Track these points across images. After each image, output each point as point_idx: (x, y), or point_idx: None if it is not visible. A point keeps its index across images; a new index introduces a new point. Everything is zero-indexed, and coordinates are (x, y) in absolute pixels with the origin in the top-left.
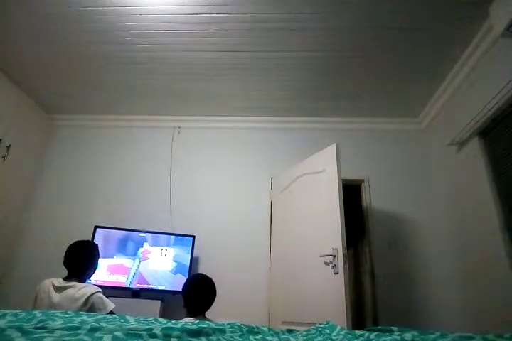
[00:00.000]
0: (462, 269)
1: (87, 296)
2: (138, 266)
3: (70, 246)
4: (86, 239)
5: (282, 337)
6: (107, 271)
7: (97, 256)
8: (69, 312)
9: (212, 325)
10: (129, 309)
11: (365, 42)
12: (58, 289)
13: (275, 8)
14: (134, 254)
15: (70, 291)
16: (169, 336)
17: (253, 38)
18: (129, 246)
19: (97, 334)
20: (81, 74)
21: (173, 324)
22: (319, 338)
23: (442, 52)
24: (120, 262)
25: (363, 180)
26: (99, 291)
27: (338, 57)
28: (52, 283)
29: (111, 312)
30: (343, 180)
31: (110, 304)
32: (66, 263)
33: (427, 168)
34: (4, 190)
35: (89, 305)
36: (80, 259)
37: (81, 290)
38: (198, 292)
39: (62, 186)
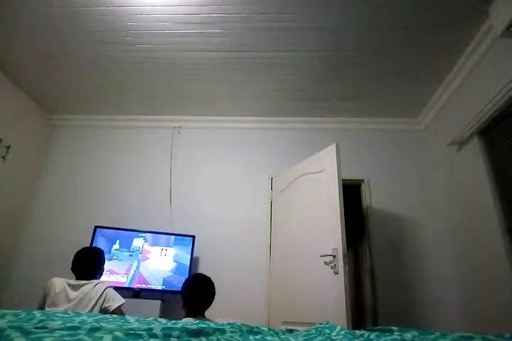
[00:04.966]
0: (462, 269)
1: (102, 290)
2: (138, 266)
3: (77, 252)
4: (86, 239)
5: (282, 337)
6: (106, 271)
7: (103, 262)
8: (69, 312)
9: (212, 325)
10: (129, 309)
11: (365, 42)
12: (74, 287)
13: (275, 8)
14: (133, 254)
15: (87, 287)
16: (169, 336)
17: (253, 38)
18: (128, 246)
19: (97, 334)
20: (81, 74)
21: (173, 324)
22: (319, 338)
23: (442, 52)
24: (120, 262)
25: (363, 180)
26: (111, 287)
27: (338, 57)
28: (66, 281)
29: (119, 310)
30: (343, 180)
31: (121, 299)
32: (74, 269)
33: (427, 168)
34: (4, 190)
35: (102, 299)
36: (88, 265)
37: (97, 285)
38: (196, 292)
39: (62, 186)
